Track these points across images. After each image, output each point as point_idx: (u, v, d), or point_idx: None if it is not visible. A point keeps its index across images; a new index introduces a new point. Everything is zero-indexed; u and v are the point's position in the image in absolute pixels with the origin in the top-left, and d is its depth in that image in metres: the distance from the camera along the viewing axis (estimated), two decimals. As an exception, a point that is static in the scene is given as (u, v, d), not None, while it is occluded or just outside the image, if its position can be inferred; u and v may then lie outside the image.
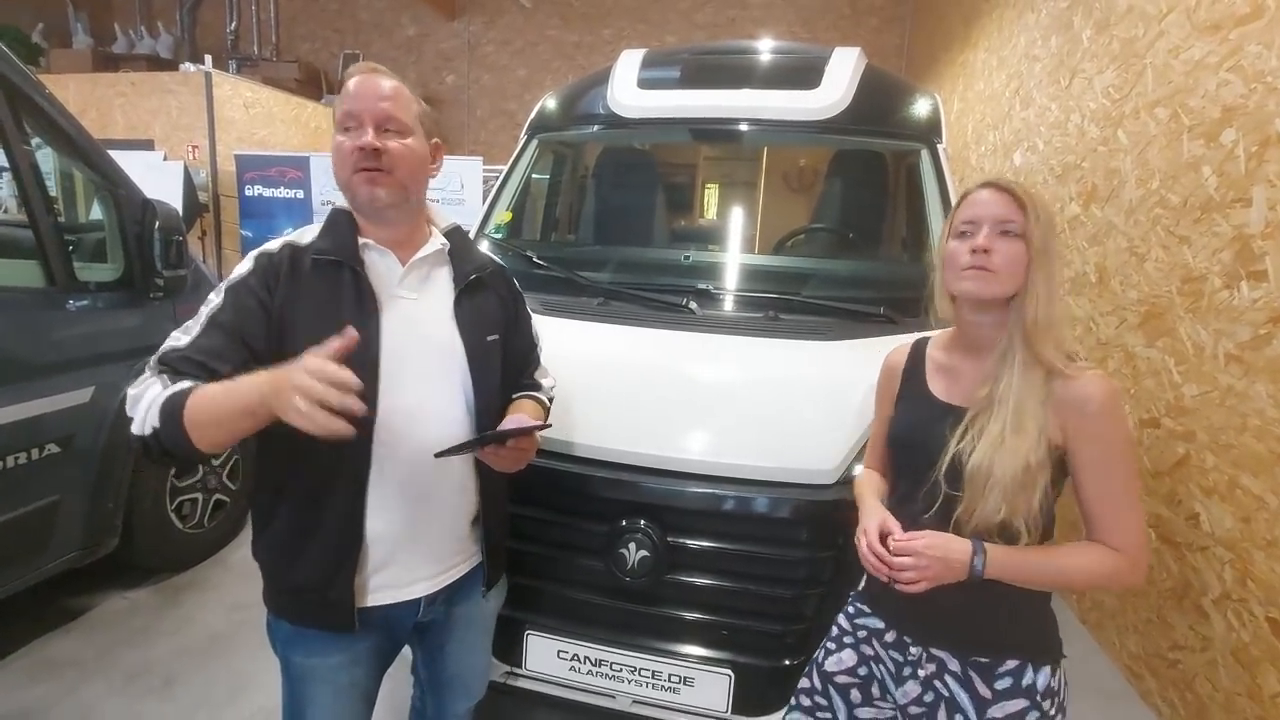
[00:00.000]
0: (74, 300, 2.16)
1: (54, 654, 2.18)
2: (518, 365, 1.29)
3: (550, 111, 2.63)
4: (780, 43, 2.83)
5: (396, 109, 1.05)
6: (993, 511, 0.96)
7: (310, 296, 1.03)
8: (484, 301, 1.20)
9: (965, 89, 4.91)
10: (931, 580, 0.97)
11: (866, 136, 2.42)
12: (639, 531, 1.44)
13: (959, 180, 4.79)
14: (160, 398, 0.91)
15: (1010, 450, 0.95)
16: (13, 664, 2.12)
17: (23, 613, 2.29)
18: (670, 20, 7.95)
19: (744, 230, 3.12)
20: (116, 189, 2.29)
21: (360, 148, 1.02)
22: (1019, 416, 0.96)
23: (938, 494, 1.02)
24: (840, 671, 1.17)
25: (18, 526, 1.99)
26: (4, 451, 1.91)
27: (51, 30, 8.08)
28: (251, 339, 0.99)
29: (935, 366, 1.13)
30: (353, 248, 1.07)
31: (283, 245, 1.06)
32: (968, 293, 1.02)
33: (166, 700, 2.01)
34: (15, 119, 1.98)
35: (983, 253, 0.99)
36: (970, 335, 1.08)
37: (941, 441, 1.02)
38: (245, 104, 5.90)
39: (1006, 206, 0.99)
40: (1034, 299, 0.97)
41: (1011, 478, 0.95)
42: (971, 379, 1.05)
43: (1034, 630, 1.05)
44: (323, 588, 1.06)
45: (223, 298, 1.01)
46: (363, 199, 1.06)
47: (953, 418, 1.03)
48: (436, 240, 1.17)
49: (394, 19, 8.71)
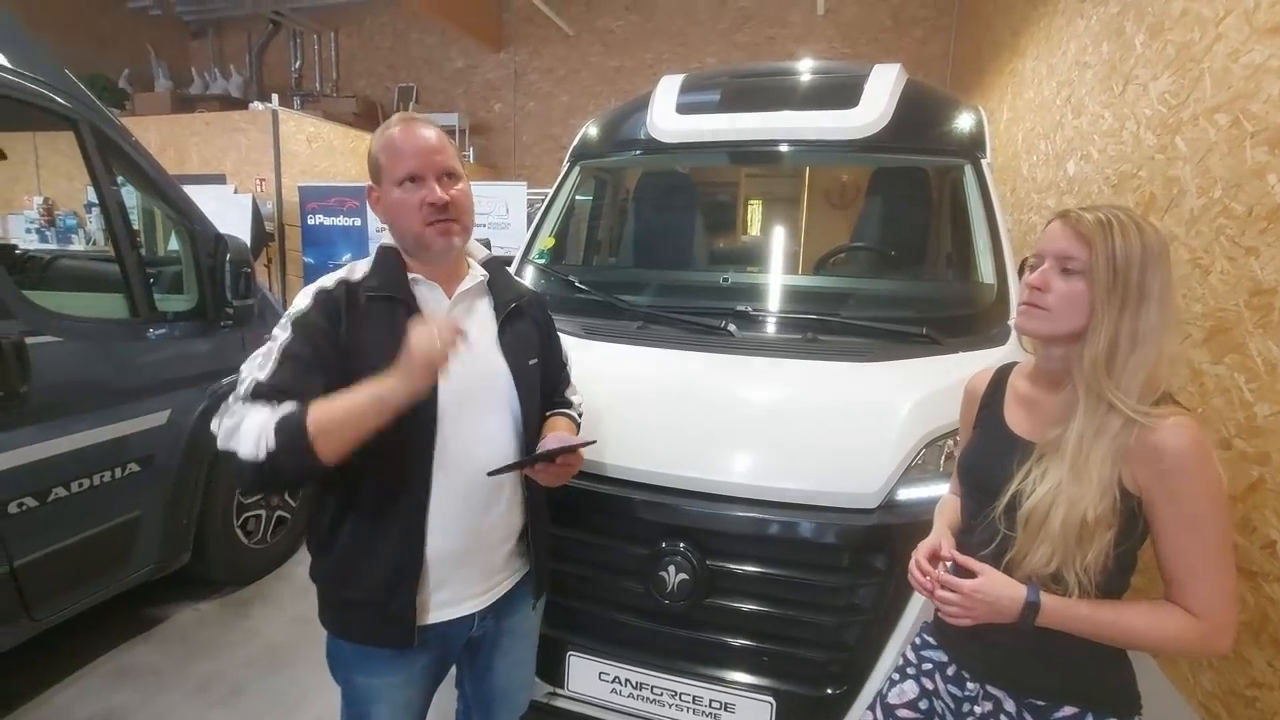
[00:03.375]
0: (154, 329, 2.33)
1: (134, 661, 2.33)
2: (552, 384, 1.35)
3: (591, 138, 2.70)
4: (820, 62, 2.84)
5: (449, 158, 1.13)
6: (1042, 562, 0.92)
7: (370, 330, 1.10)
8: (524, 328, 1.27)
9: (1014, 98, 4.79)
10: (976, 620, 0.95)
11: (907, 154, 2.40)
12: (678, 554, 1.46)
13: (1010, 191, 4.68)
14: (272, 421, 0.96)
15: (1068, 500, 0.90)
16: (98, 669, 2.27)
17: (106, 622, 2.46)
18: (710, 42, 8.03)
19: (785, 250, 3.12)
20: (192, 225, 2.47)
21: (432, 203, 1.09)
22: (1080, 464, 0.91)
23: (995, 531, 0.99)
24: (902, 704, 1.15)
25: (105, 539, 2.14)
26: (94, 469, 2.08)
27: (136, 75, 8.75)
28: (324, 368, 1.06)
29: (1015, 396, 1.10)
30: (404, 284, 1.14)
31: (338, 282, 1.13)
32: (1018, 327, 1.01)
33: (233, 709, 2.12)
34: (105, 164, 2.17)
35: (1035, 290, 0.96)
36: (1045, 367, 1.04)
37: (1006, 476, 0.98)
38: (308, 138, 6.25)
39: (1070, 242, 0.94)
40: (1094, 341, 0.91)
41: (1065, 530, 0.90)
42: (1049, 414, 1.01)
43: (1099, 679, 0.99)
44: (384, 602, 1.12)
45: (290, 332, 1.07)
46: (439, 249, 1.13)
47: (1021, 453, 1.00)
48: (477, 272, 1.24)
49: (444, 53, 9.09)
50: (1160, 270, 0.91)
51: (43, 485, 1.93)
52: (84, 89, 2.16)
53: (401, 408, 1.00)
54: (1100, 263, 0.91)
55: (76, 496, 2.03)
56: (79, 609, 2.12)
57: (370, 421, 0.99)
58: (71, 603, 2.09)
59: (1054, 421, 0.98)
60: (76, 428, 2.02)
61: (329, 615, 1.19)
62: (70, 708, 2.10)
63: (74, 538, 2.04)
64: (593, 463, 1.54)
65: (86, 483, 2.06)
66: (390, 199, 1.12)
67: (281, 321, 1.10)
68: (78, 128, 2.08)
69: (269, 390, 1.00)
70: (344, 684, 1.22)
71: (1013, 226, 4.60)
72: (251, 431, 0.96)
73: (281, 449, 0.94)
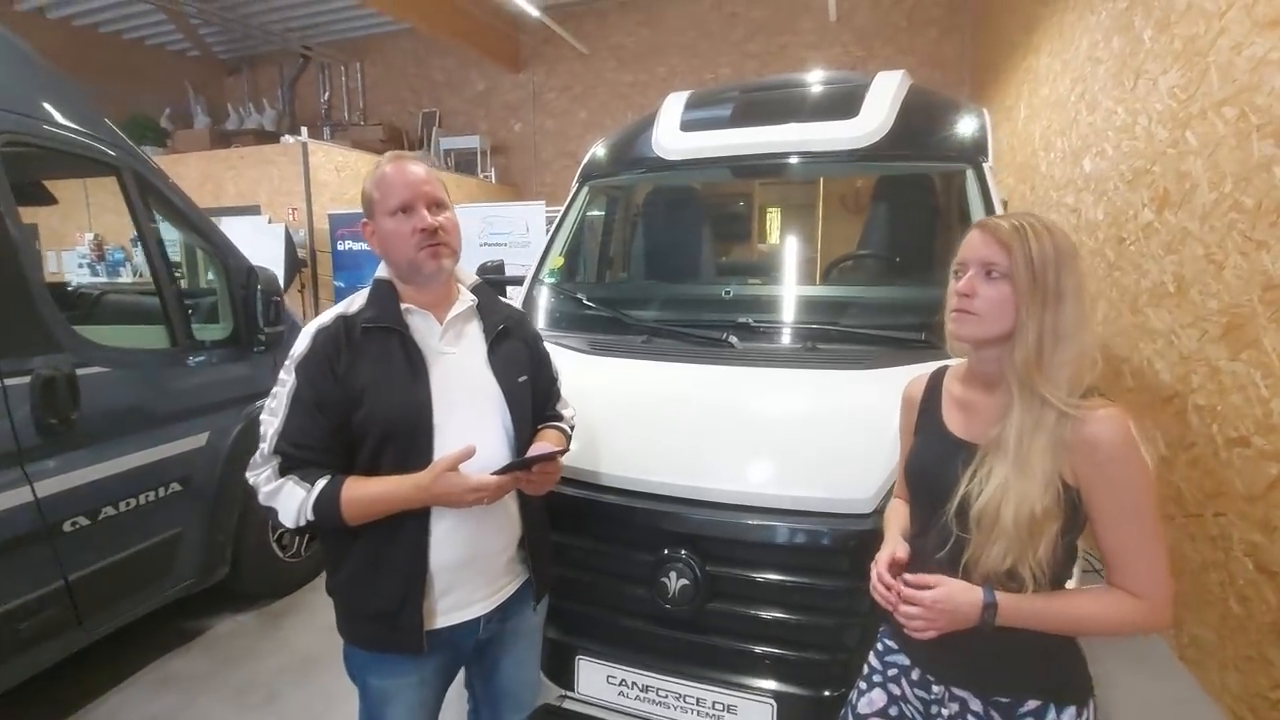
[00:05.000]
0: (192, 357, 2.48)
1: (175, 670, 2.46)
2: (542, 399, 1.42)
3: (599, 159, 2.78)
4: (824, 73, 2.87)
5: (437, 189, 1.22)
6: (998, 559, 0.95)
7: (367, 360, 1.18)
8: (512, 348, 1.34)
9: (1031, 95, 4.74)
10: (940, 630, 0.97)
11: (907, 161, 2.41)
12: (679, 561, 1.50)
13: (1029, 189, 4.62)
14: (309, 501, 1.12)
15: (1016, 496, 0.93)
16: (141, 679, 2.41)
17: (148, 633, 2.60)
18: (722, 52, 8.11)
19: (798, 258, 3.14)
20: (226, 258, 2.63)
21: (424, 229, 1.18)
22: (1023, 460, 0.95)
23: (949, 534, 1.01)
24: (872, 713, 1.17)
25: (148, 555, 2.28)
26: (139, 490, 2.22)
27: (177, 113, 9.22)
28: (327, 409, 1.16)
29: (952, 399, 1.13)
30: (397, 314, 1.22)
31: (335, 318, 1.22)
32: (950, 333, 1.04)
33: (269, 714, 2.23)
34: (145, 205, 2.33)
35: (964, 296, 1.00)
36: (978, 370, 1.08)
37: (953, 479, 1.01)
38: (336, 167, 6.50)
39: (990, 249, 0.98)
40: (1023, 340, 0.95)
41: (1017, 526, 0.93)
42: (985, 415, 1.04)
43: (1055, 670, 1.03)
44: (395, 612, 1.20)
45: (295, 376, 1.17)
46: (429, 270, 1.21)
47: (965, 455, 1.03)
48: (466, 298, 1.32)
49: (464, 76, 9.35)
50: (1072, 270, 0.96)
51: (93, 505, 2.08)
52: (124, 137, 2.33)
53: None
54: (1020, 266, 0.95)
55: (124, 515, 2.17)
56: (126, 620, 2.26)
57: (392, 510, 1.15)
58: (119, 614, 2.23)
59: (991, 421, 1.01)
60: (123, 451, 2.17)
61: (344, 625, 1.27)
62: (115, 714, 2.23)
63: (121, 554, 2.17)
64: (596, 473, 1.60)
65: (133, 502, 2.20)
66: (384, 229, 1.21)
67: (286, 365, 1.19)
68: (120, 174, 2.25)
69: (289, 448, 1.15)
70: (361, 686, 1.30)
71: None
72: (291, 509, 1.13)
73: (319, 521, 1.13)
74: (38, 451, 1.91)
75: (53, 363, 1.93)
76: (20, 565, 1.87)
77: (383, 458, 1.17)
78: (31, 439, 1.89)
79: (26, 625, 1.88)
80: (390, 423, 1.17)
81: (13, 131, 1.89)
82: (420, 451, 1.18)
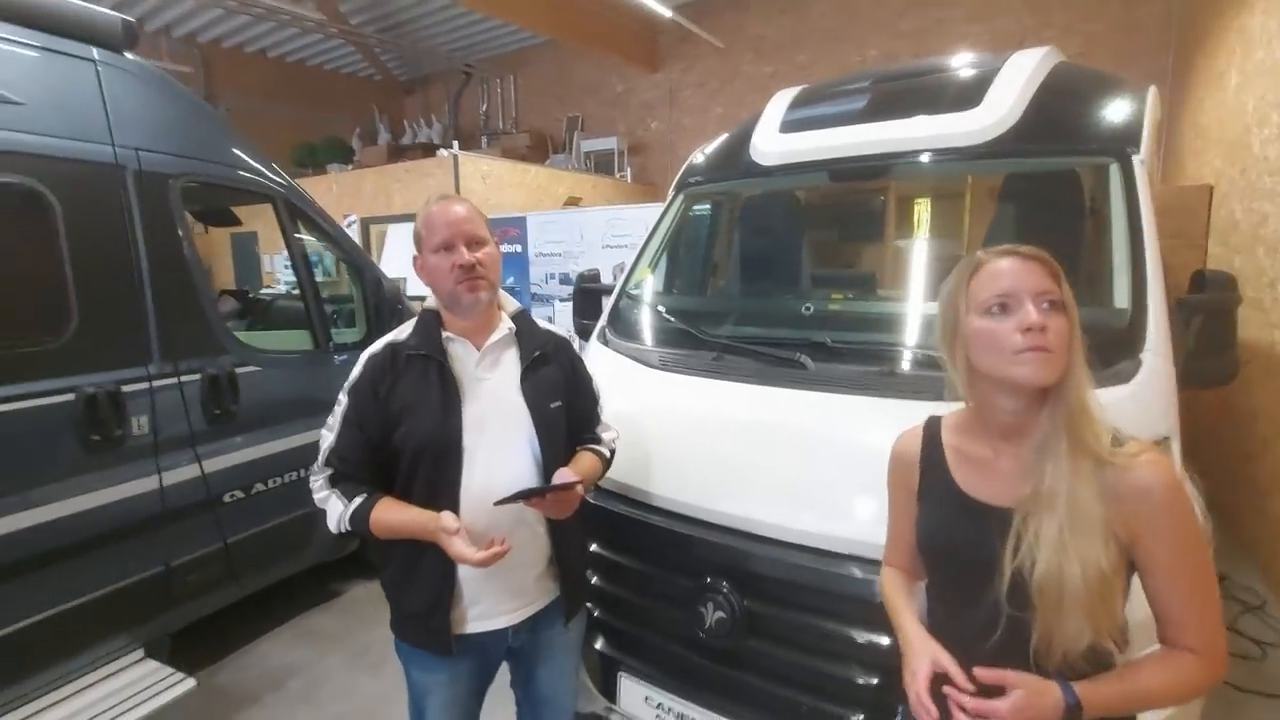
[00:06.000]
0: (334, 357, 2.85)
1: (312, 626, 2.87)
2: (581, 423, 1.45)
3: (696, 165, 2.74)
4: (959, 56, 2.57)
5: (477, 227, 1.30)
6: (1075, 635, 0.82)
7: (407, 384, 1.30)
8: (548, 373, 1.39)
9: (1243, 59, 3.90)
10: None
11: (1034, 157, 2.09)
12: (718, 593, 1.46)
13: (1239, 173, 3.82)
14: (346, 515, 1.27)
15: (1080, 556, 0.81)
16: (284, 631, 2.84)
17: (295, 591, 3.04)
18: (869, 35, 7.57)
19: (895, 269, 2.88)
20: (361, 270, 2.98)
21: (462, 265, 1.27)
22: (1076, 514, 0.82)
23: (997, 615, 0.88)
24: None
25: (292, 525, 2.68)
26: (284, 470, 2.62)
27: (365, 132, 10.55)
28: (370, 430, 1.30)
29: (959, 457, 0.98)
30: (438, 343, 1.32)
31: (385, 346, 1.35)
32: (1027, 379, 0.86)
33: (376, 678, 2.52)
34: (294, 226, 2.72)
35: (1036, 331, 0.84)
36: (996, 422, 0.93)
37: (990, 551, 0.88)
38: (482, 176, 7.06)
39: (1042, 277, 0.86)
40: (1076, 380, 0.85)
41: (1088, 590, 0.81)
42: (1009, 473, 0.91)
43: None
44: (427, 616, 1.31)
45: (347, 399, 1.32)
46: (468, 302, 1.30)
47: (995, 521, 0.89)
48: (504, 325, 1.38)
49: (603, 79, 9.67)
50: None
51: (248, 481, 2.49)
52: (280, 171, 2.75)
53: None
54: (1069, 295, 0.86)
55: (272, 491, 2.57)
56: (274, 579, 2.69)
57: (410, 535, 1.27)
58: (268, 573, 2.65)
59: (1015, 479, 0.89)
60: (274, 437, 2.57)
61: (392, 619, 1.41)
62: (263, 659, 2.66)
63: (269, 523, 2.58)
64: (647, 493, 1.62)
65: (279, 480, 2.59)
66: (429, 264, 1.31)
67: (345, 386, 1.34)
68: (274, 201, 2.65)
69: (338, 462, 1.31)
70: (406, 675, 1.43)
71: (1240, 218, 3.73)
72: (333, 518, 1.30)
73: (354, 530, 1.29)
74: (205, 436, 2.33)
75: (218, 364, 2.34)
76: (190, 528, 2.29)
77: (416, 474, 1.28)
78: (200, 426, 2.30)
79: (193, 577, 2.30)
80: (423, 443, 1.27)
81: (188, 174, 2.31)
82: (450, 470, 1.27)
